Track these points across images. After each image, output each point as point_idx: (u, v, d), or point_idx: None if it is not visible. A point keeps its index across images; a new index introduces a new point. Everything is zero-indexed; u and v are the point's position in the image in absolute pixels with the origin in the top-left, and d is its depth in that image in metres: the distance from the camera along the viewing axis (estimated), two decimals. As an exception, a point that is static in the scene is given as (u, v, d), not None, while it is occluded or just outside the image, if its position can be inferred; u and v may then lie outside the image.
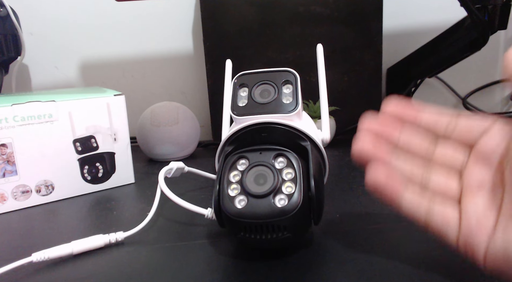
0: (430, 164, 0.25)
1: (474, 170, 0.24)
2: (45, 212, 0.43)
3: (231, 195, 0.27)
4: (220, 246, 0.32)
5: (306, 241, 0.32)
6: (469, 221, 0.22)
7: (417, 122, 0.26)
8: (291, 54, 0.68)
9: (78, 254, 0.32)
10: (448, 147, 0.25)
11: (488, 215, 0.22)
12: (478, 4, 0.57)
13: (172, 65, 0.80)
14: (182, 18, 0.77)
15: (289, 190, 0.27)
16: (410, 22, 0.79)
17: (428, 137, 0.26)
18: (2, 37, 0.62)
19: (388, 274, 0.27)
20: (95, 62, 0.78)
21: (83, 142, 0.46)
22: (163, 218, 0.38)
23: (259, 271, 0.28)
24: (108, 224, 0.38)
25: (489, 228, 0.22)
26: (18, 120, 0.42)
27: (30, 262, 0.30)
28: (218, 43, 0.68)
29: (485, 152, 0.23)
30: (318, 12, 0.66)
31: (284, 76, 0.33)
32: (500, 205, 0.22)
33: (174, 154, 0.60)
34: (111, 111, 0.48)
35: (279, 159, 0.29)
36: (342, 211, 0.38)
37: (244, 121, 0.31)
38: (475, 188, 0.23)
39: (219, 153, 0.33)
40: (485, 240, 0.22)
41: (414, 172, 0.25)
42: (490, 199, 0.22)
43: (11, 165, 0.42)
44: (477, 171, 0.23)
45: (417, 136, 0.26)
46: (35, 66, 0.77)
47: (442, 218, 0.23)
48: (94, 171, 0.48)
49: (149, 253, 0.32)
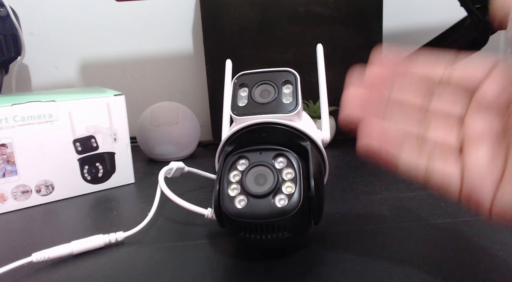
0: (426, 118, 0.24)
1: (475, 119, 0.22)
2: (45, 212, 0.43)
3: (231, 195, 0.27)
4: (220, 246, 0.32)
5: (306, 241, 0.32)
6: (471, 175, 0.21)
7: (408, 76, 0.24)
8: (291, 54, 0.68)
9: (78, 254, 0.32)
10: (444, 98, 0.23)
11: (492, 167, 0.21)
12: (478, 4, 0.57)
13: (172, 65, 0.80)
14: (182, 18, 0.77)
15: (289, 190, 0.27)
16: (410, 22, 0.79)
17: (422, 89, 0.24)
18: (2, 37, 0.62)
19: (388, 274, 0.27)
20: (95, 62, 0.78)
21: (83, 142, 0.46)
22: (163, 218, 0.38)
23: (259, 271, 0.28)
24: (108, 224, 0.38)
25: (494, 181, 0.20)
26: (18, 120, 0.42)
27: (30, 262, 0.30)
28: (218, 43, 0.68)
29: (487, 99, 0.21)
30: (318, 12, 0.66)
31: (284, 76, 0.32)
32: (506, 156, 0.20)
33: (174, 154, 0.60)
34: (111, 111, 0.48)
35: (279, 159, 0.29)
36: (342, 211, 0.38)
37: (244, 121, 0.31)
38: (477, 138, 0.21)
39: (219, 153, 0.33)
40: (490, 194, 0.20)
41: (410, 128, 0.24)
42: (494, 150, 0.21)
43: (11, 165, 0.42)
44: (479, 120, 0.22)
45: (410, 90, 0.24)
46: (35, 66, 0.77)
47: (443, 175, 0.22)
48: (94, 171, 0.48)
49: (149, 253, 0.32)
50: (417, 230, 0.33)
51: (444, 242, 0.31)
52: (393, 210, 0.37)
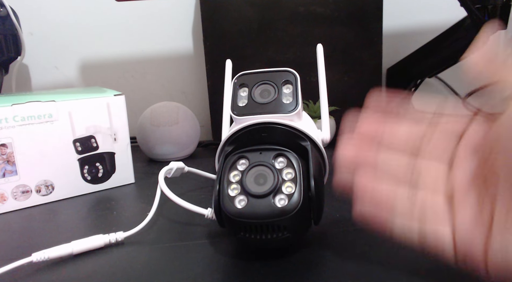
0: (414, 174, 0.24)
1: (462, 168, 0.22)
2: (45, 212, 0.43)
3: (231, 195, 0.27)
4: (220, 246, 0.32)
5: (306, 241, 0.32)
6: (461, 232, 0.22)
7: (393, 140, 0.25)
8: (291, 54, 0.68)
9: (78, 254, 0.32)
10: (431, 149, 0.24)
11: (481, 221, 0.21)
12: (478, 4, 0.57)
13: (172, 65, 0.79)
14: (182, 18, 0.77)
15: (289, 190, 0.27)
16: (410, 22, 0.79)
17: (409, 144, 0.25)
18: (2, 37, 0.62)
19: (388, 274, 0.27)
20: (95, 62, 0.78)
21: (83, 142, 0.46)
22: (163, 218, 0.38)
23: (259, 271, 0.28)
24: (108, 224, 0.38)
25: (484, 234, 0.21)
26: (18, 120, 0.42)
27: (30, 262, 0.30)
28: (218, 43, 0.68)
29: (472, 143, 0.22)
30: (318, 12, 0.66)
31: (284, 76, 0.32)
32: (492, 206, 0.21)
33: (174, 154, 0.60)
34: (111, 111, 0.48)
35: (279, 159, 0.29)
36: (342, 211, 0.38)
37: (244, 121, 0.31)
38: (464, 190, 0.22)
39: (219, 153, 0.33)
40: (482, 247, 0.21)
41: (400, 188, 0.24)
42: (481, 202, 0.21)
43: (11, 165, 0.42)
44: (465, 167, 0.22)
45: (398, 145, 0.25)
46: (35, 66, 0.77)
47: (435, 237, 0.23)
48: (94, 171, 0.48)
49: (149, 253, 0.32)
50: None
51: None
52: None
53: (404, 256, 0.29)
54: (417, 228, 0.23)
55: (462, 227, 0.22)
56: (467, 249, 0.21)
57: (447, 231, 0.22)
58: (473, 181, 0.22)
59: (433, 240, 0.23)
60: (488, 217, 0.21)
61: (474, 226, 0.21)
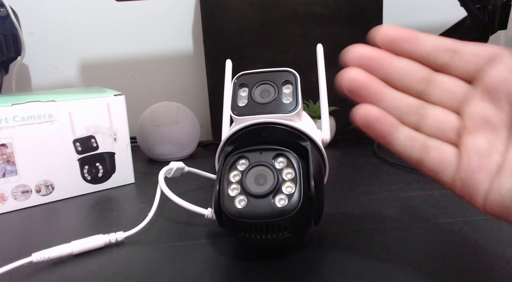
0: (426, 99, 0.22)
1: (478, 105, 0.20)
2: (45, 212, 0.43)
3: (231, 195, 0.27)
4: (220, 246, 0.32)
5: (306, 241, 0.32)
6: (469, 159, 0.20)
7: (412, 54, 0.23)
8: (291, 54, 0.68)
9: (78, 254, 0.32)
10: (447, 80, 0.22)
11: (493, 155, 0.19)
12: (478, 4, 0.57)
13: (172, 65, 0.79)
14: (182, 18, 0.77)
15: (289, 190, 0.27)
16: (410, 22, 0.79)
17: (423, 70, 0.22)
18: (2, 37, 0.62)
19: (388, 274, 0.27)
20: (95, 62, 0.78)
21: (83, 142, 0.46)
22: (163, 218, 0.38)
23: (259, 271, 0.28)
24: (108, 224, 0.38)
25: (492, 169, 0.19)
26: (18, 120, 0.42)
27: (30, 262, 0.30)
28: (218, 43, 0.68)
29: (491, 86, 0.20)
30: (318, 12, 0.66)
31: (284, 76, 0.32)
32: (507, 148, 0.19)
33: (174, 154, 0.60)
34: (111, 111, 0.48)
35: (279, 159, 0.29)
36: (342, 211, 0.38)
37: (244, 121, 0.31)
38: (478, 124, 0.20)
39: (219, 153, 0.33)
40: (487, 183, 0.19)
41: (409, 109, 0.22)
42: (496, 138, 0.20)
43: (11, 165, 0.42)
44: (482, 106, 0.20)
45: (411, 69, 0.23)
46: (35, 66, 0.77)
47: (438, 155, 0.21)
48: (94, 171, 0.48)
49: (149, 253, 0.32)
50: (417, 230, 0.33)
51: (444, 242, 0.31)
52: (393, 210, 0.37)
53: (404, 256, 0.29)
54: (421, 141, 0.22)
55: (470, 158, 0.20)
56: (469, 182, 0.20)
57: (453, 151, 0.21)
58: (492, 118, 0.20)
59: (435, 158, 0.21)
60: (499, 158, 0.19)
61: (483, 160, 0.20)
